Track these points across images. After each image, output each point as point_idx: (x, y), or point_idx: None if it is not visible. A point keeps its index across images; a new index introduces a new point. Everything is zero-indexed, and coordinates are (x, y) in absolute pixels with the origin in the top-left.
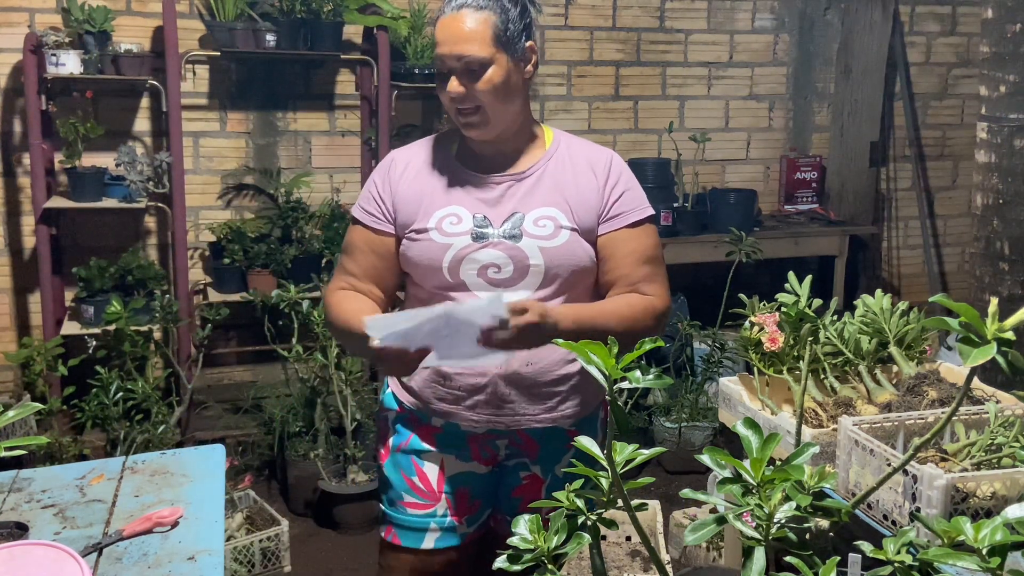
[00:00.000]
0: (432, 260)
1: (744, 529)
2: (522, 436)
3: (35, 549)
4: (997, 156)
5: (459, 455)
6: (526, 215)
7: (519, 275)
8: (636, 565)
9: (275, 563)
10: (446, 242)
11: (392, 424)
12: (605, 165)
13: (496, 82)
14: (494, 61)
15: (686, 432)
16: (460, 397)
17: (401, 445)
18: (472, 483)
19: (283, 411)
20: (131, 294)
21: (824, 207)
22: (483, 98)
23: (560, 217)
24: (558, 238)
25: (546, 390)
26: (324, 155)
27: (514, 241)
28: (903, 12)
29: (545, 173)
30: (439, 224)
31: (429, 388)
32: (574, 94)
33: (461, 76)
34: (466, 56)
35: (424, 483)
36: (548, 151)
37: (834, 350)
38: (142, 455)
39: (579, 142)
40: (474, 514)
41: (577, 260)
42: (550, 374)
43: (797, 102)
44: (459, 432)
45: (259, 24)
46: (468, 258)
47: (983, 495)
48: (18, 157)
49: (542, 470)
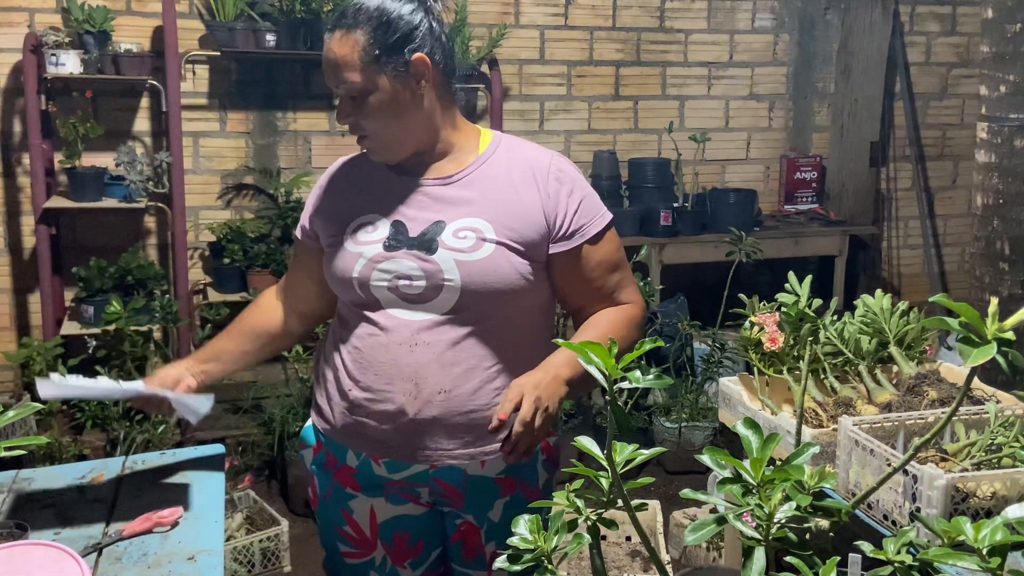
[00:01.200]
0: (344, 271)
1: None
2: (441, 484)
3: (35, 549)
4: (997, 156)
5: (389, 498)
6: (448, 224)
7: (432, 291)
8: (636, 565)
9: (275, 563)
10: (357, 250)
11: (311, 466)
12: (549, 174)
13: (380, 106)
14: (372, 85)
15: (686, 432)
16: (369, 428)
17: (327, 493)
18: (410, 525)
19: (283, 411)
20: (131, 294)
21: (824, 207)
22: (369, 125)
23: (485, 229)
24: (479, 252)
25: (462, 421)
26: (324, 155)
27: (427, 252)
28: (903, 12)
29: (475, 178)
30: (354, 232)
31: (342, 417)
32: (574, 94)
33: (346, 104)
34: (342, 84)
35: (356, 531)
36: (481, 155)
37: (834, 350)
38: (142, 455)
39: (524, 146)
40: (418, 556)
41: (501, 277)
42: (467, 404)
43: (797, 102)
44: (373, 476)
45: (259, 24)
46: (379, 267)
47: (983, 495)
48: (18, 157)
49: (475, 518)
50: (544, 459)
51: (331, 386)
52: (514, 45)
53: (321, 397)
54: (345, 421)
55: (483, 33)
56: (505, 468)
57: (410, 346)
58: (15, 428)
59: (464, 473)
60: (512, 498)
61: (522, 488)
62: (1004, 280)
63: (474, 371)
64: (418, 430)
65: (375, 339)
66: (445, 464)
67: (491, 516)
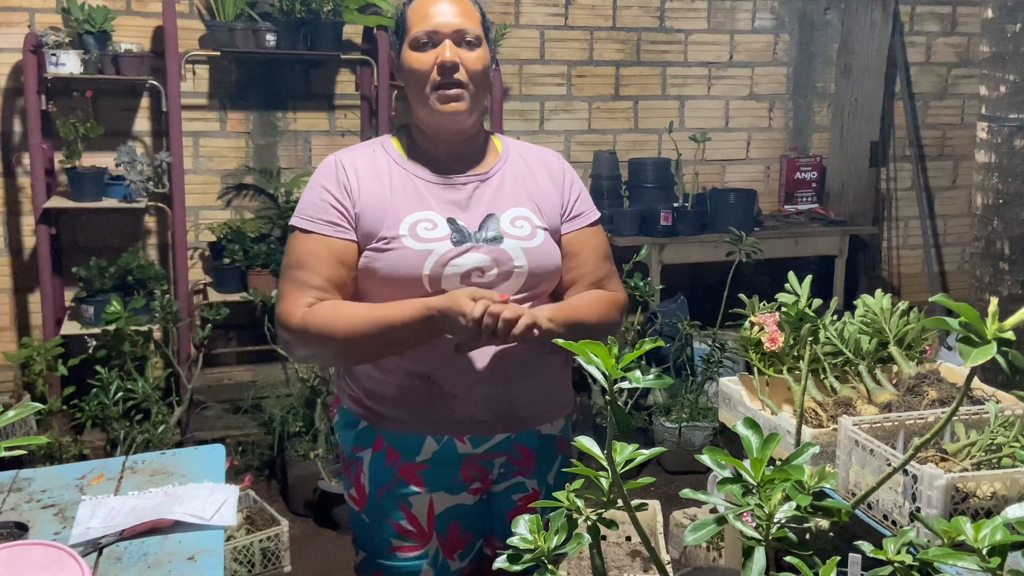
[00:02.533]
0: (410, 269)
1: (744, 529)
2: (520, 449)
3: (35, 549)
4: (997, 156)
5: (449, 488)
6: (500, 216)
7: (502, 278)
8: (636, 565)
9: (275, 563)
10: (424, 248)
11: (367, 465)
12: (559, 165)
13: (485, 63)
14: (481, 42)
15: (686, 432)
16: (457, 411)
17: (383, 490)
18: (462, 516)
19: (283, 411)
20: (131, 294)
21: (824, 207)
22: (472, 75)
23: (533, 217)
24: (536, 238)
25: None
26: (324, 155)
27: (496, 243)
28: (903, 12)
29: (507, 173)
30: (412, 230)
31: (419, 408)
32: (574, 94)
33: (454, 51)
34: (464, 29)
35: (414, 524)
36: (503, 153)
37: (834, 350)
38: (142, 455)
39: (525, 144)
40: (465, 548)
41: (553, 260)
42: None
43: (797, 102)
44: (453, 456)
45: (259, 24)
46: (451, 263)
47: (983, 495)
48: (18, 157)
49: (539, 482)
50: (575, 417)
51: (397, 381)
52: (514, 45)
53: (380, 400)
54: (428, 409)
55: None
56: (563, 426)
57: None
58: (15, 428)
59: (539, 434)
60: (562, 457)
61: (567, 447)
62: (1004, 280)
63: (542, 343)
64: (508, 402)
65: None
66: (527, 428)
67: (548, 479)
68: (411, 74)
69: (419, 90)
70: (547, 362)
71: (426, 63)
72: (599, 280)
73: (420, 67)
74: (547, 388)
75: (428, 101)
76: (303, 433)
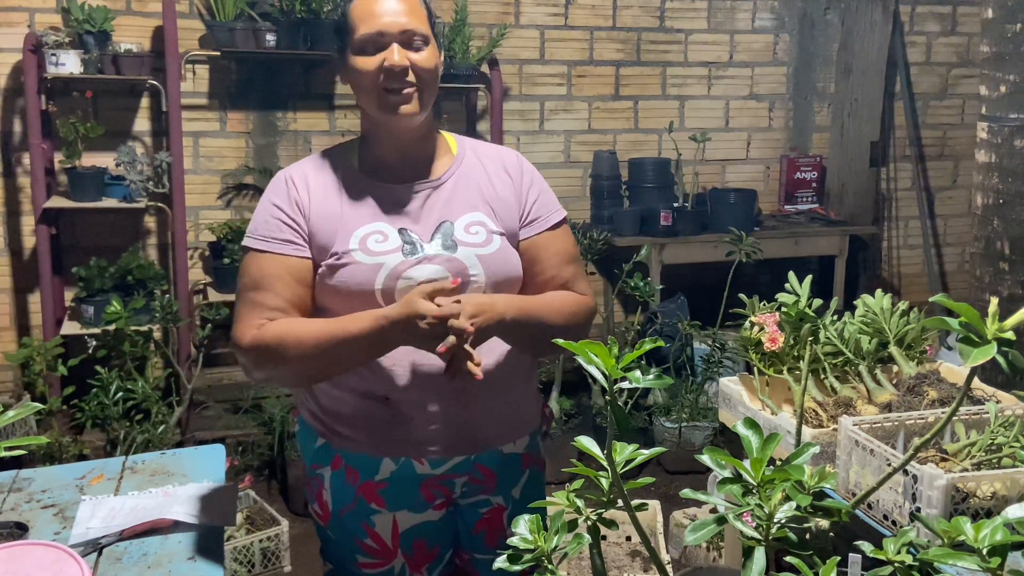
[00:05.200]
0: (362, 284)
1: (744, 529)
2: (481, 469)
3: (35, 549)
4: (997, 156)
5: (411, 507)
6: (454, 223)
7: (457, 291)
8: (636, 565)
9: (275, 563)
10: (375, 262)
11: (328, 482)
12: (517, 166)
13: (435, 62)
14: (429, 41)
15: (686, 432)
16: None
17: (345, 509)
18: (428, 532)
19: (283, 411)
20: (131, 294)
21: (824, 207)
22: (422, 73)
23: (488, 222)
24: (491, 244)
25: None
26: None
27: (450, 252)
28: (903, 12)
29: (461, 177)
30: (362, 243)
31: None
32: (574, 94)
33: (402, 52)
34: (410, 28)
35: (377, 542)
36: (457, 155)
37: (834, 350)
38: (142, 455)
39: (483, 145)
40: (434, 561)
41: (511, 267)
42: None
43: (797, 102)
44: (412, 476)
45: (259, 24)
46: (403, 276)
47: (983, 495)
48: (18, 157)
49: (503, 498)
50: (544, 430)
51: (354, 401)
52: (514, 45)
53: (337, 418)
54: (385, 431)
55: (483, 33)
56: (529, 443)
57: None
58: (15, 428)
59: (500, 453)
60: (529, 472)
61: (535, 462)
62: (1004, 280)
63: (504, 357)
64: (468, 421)
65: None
66: (489, 449)
67: (514, 494)
68: (358, 77)
69: (367, 94)
70: (508, 382)
71: (373, 66)
72: (565, 282)
73: (367, 69)
74: (509, 408)
75: (377, 105)
76: None
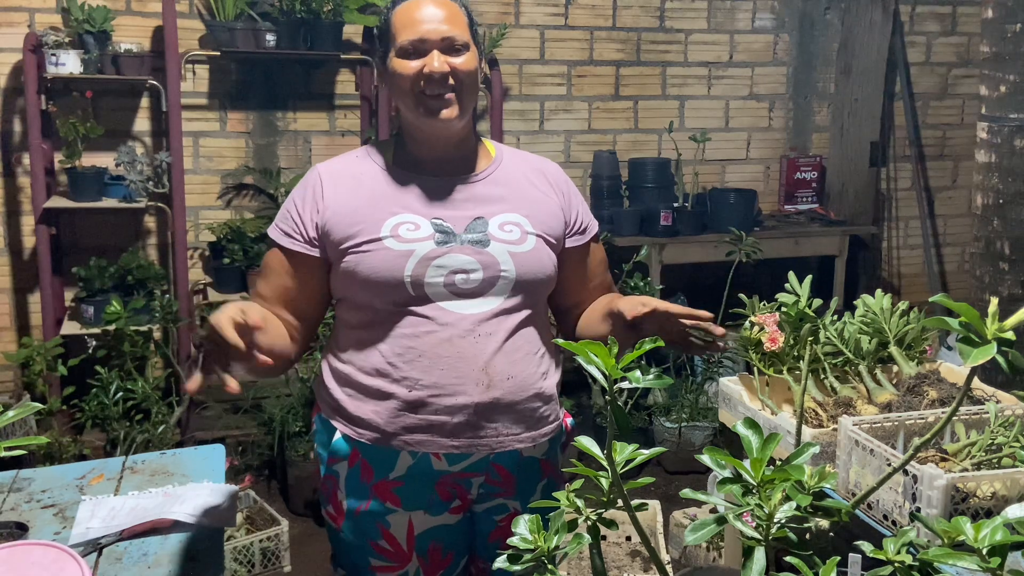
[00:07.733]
0: (391, 270)
1: (744, 529)
2: (498, 469)
3: (35, 549)
4: (997, 156)
5: (428, 509)
6: (489, 220)
7: (487, 284)
8: (636, 565)
9: (275, 563)
10: (406, 248)
11: (344, 481)
12: (561, 176)
13: (474, 66)
14: (469, 47)
15: (686, 432)
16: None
17: (360, 508)
18: (444, 536)
19: (283, 411)
20: (131, 294)
21: (824, 207)
22: (463, 78)
23: (524, 223)
24: (526, 244)
25: (526, 404)
26: (324, 155)
27: (481, 246)
28: (903, 12)
29: (499, 178)
30: (394, 231)
31: (396, 419)
32: (574, 94)
33: (442, 58)
34: (451, 35)
35: (392, 544)
36: (495, 158)
37: (834, 350)
38: (142, 455)
39: (521, 152)
40: (448, 567)
41: (544, 268)
42: (530, 388)
43: (797, 102)
44: (429, 472)
45: (259, 24)
46: (434, 264)
47: (983, 495)
48: (18, 157)
49: (521, 504)
50: (564, 441)
51: (373, 391)
52: (514, 45)
53: (356, 406)
54: (404, 423)
55: (483, 33)
56: (547, 450)
57: (474, 337)
58: (15, 428)
59: (519, 455)
60: (547, 481)
61: (553, 471)
62: (1004, 280)
63: (530, 356)
64: (489, 417)
65: (434, 335)
66: (508, 448)
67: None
68: (399, 81)
69: (408, 97)
70: (533, 383)
71: (413, 71)
72: (607, 288)
73: (408, 74)
74: (532, 408)
75: (417, 109)
76: (303, 433)
